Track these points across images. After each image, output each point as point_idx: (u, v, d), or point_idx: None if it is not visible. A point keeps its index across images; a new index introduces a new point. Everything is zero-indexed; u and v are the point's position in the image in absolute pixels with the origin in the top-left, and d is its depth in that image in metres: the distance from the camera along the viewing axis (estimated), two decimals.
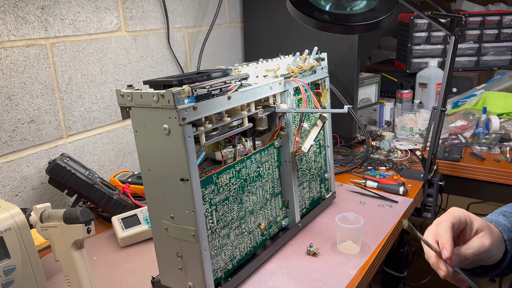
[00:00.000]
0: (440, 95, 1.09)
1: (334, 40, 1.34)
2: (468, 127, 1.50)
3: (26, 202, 1.02)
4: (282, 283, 0.76)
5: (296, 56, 0.89)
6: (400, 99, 1.68)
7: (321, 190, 1.03)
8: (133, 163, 1.29)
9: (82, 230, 0.60)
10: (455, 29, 1.06)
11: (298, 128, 0.85)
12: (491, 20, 1.73)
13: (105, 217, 1.03)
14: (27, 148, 1.01)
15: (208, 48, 1.51)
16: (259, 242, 0.82)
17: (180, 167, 0.63)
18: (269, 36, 1.53)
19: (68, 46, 1.07)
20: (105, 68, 1.17)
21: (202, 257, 0.66)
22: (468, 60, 1.78)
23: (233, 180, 0.74)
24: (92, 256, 0.89)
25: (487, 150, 1.36)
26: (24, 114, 1.00)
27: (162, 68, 1.35)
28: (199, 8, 1.45)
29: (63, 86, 1.07)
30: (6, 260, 0.58)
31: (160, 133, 0.63)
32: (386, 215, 1.00)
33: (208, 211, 0.69)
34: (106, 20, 1.15)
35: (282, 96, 0.84)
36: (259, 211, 0.82)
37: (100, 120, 1.18)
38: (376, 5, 0.86)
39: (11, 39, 0.96)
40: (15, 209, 0.60)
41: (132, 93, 0.63)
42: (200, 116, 0.63)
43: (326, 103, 1.00)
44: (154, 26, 1.30)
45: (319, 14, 0.82)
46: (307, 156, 0.95)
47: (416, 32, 1.75)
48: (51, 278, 0.82)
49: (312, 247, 0.84)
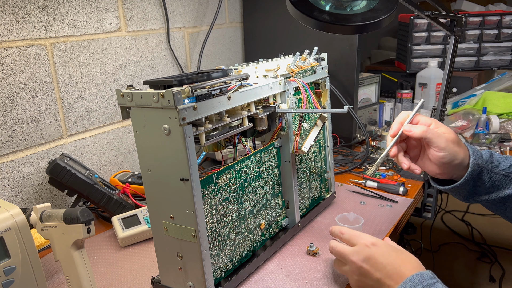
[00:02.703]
0: (440, 95, 1.09)
1: (334, 40, 1.34)
2: (468, 127, 1.50)
3: (26, 202, 1.03)
4: (282, 283, 0.76)
5: (296, 56, 0.89)
6: (400, 99, 1.68)
7: (321, 190, 1.03)
8: (133, 163, 1.29)
9: (82, 230, 0.60)
10: (455, 29, 1.06)
11: (298, 128, 0.85)
12: (491, 20, 1.73)
13: (105, 217, 1.03)
14: (27, 148, 1.01)
15: (208, 48, 1.51)
16: (259, 242, 0.83)
17: (180, 167, 0.63)
18: (269, 36, 1.53)
19: (68, 46, 1.07)
20: (105, 68, 1.17)
21: (202, 257, 0.66)
22: (468, 60, 1.78)
23: (233, 180, 0.74)
24: (92, 256, 0.89)
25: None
26: (24, 114, 1.00)
27: (162, 68, 1.35)
28: (199, 8, 1.45)
29: (63, 86, 1.07)
30: (6, 260, 0.58)
31: (160, 133, 0.63)
32: (386, 215, 1.00)
33: (208, 211, 0.69)
34: (106, 20, 1.16)
35: (282, 96, 0.84)
36: (259, 211, 0.82)
37: (100, 120, 1.18)
38: (376, 5, 0.86)
39: (11, 39, 0.96)
40: (15, 209, 0.60)
41: (132, 93, 0.64)
42: (200, 116, 0.63)
43: (326, 103, 1.00)
44: (154, 26, 1.30)
45: (319, 14, 0.82)
46: (307, 156, 0.95)
47: (416, 32, 1.75)
48: (51, 278, 0.82)
49: (312, 247, 0.84)
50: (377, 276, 0.66)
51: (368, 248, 0.68)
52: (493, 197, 0.81)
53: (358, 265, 0.68)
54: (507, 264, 2.00)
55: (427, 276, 0.63)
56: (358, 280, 0.68)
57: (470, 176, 0.78)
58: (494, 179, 0.79)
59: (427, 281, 0.62)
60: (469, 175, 0.77)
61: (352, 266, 0.69)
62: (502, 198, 0.80)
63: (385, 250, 0.68)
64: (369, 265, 0.67)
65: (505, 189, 0.79)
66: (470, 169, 0.77)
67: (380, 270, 0.66)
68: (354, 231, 0.74)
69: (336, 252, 0.73)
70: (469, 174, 0.77)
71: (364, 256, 0.68)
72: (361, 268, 0.67)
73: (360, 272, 0.68)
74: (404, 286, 0.62)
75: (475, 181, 0.79)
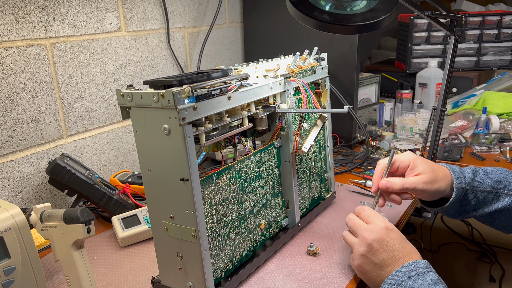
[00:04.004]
0: (440, 95, 1.09)
1: (334, 40, 1.34)
2: (468, 127, 1.50)
3: (26, 202, 1.03)
4: (282, 283, 0.76)
5: (296, 56, 0.89)
6: (400, 99, 1.68)
7: (321, 190, 1.03)
8: (133, 163, 1.29)
9: (82, 230, 0.60)
10: (455, 29, 1.06)
11: (298, 128, 0.85)
12: (491, 20, 1.73)
13: (105, 217, 1.03)
14: (27, 148, 1.01)
15: (208, 48, 1.51)
16: (259, 242, 0.83)
17: (180, 167, 0.63)
18: (269, 36, 1.53)
19: (68, 46, 1.07)
20: (105, 68, 1.17)
21: (202, 257, 0.66)
22: (468, 60, 1.78)
23: (233, 180, 0.74)
24: (92, 256, 0.89)
25: (487, 150, 1.36)
26: (24, 114, 1.00)
27: (162, 68, 1.35)
28: (199, 8, 1.45)
29: (63, 86, 1.07)
30: (6, 260, 0.58)
31: (160, 133, 0.63)
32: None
33: (208, 211, 0.69)
34: (106, 20, 1.16)
35: (282, 96, 0.84)
36: (259, 211, 0.82)
37: (100, 120, 1.18)
38: (376, 5, 0.86)
39: (11, 39, 0.96)
40: (15, 209, 0.60)
41: (132, 93, 0.64)
42: (200, 116, 0.63)
43: (326, 103, 1.00)
44: (154, 26, 1.30)
45: (319, 14, 0.83)
46: (307, 156, 0.95)
47: (416, 32, 1.75)
48: (51, 278, 0.82)
49: (312, 247, 0.84)
50: (383, 256, 0.69)
51: (383, 230, 0.71)
52: (481, 212, 0.84)
53: (368, 241, 0.71)
54: (507, 264, 2.00)
55: (422, 265, 0.67)
56: (364, 255, 0.71)
57: (455, 200, 0.82)
58: (480, 197, 0.83)
59: (422, 269, 0.66)
60: (454, 199, 0.82)
61: (362, 241, 0.72)
62: (490, 213, 0.84)
63: (398, 236, 0.72)
64: (379, 245, 0.70)
65: (492, 204, 0.83)
66: (454, 194, 0.81)
67: (387, 252, 0.69)
68: (374, 212, 0.77)
69: (351, 223, 0.76)
70: (454, 198, 0.82)
71: (377, 236, 0.71)
72: (371, 245, 0.70)
73: (368, 248, 0.71)
74: (400, 271, 0.67)
75: (461, 201, 0.83)
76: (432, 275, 0.65)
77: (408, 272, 0.66)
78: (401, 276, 0.66)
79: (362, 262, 0.72)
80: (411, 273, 0.65)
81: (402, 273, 0.66)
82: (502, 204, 0.82)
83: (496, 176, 0.83)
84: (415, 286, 0.64)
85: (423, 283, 0.64)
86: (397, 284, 0.65)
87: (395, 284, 0.66)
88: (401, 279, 0.65)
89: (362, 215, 0.76)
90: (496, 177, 0.83)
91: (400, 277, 0.66)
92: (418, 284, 0.64)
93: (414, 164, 0.82)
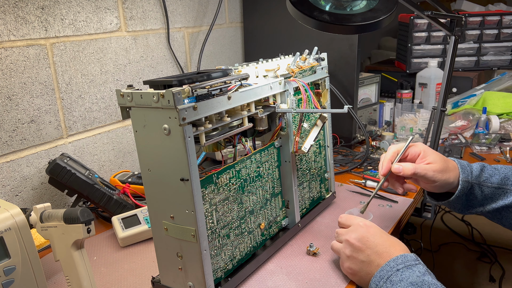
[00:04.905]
0: (440, 95, 1.09)
1: (334, 40, 1.34)
2: (468, 127, 1.50)
3: (26, 202, 1.03)
4: (282, 283, 0.76)
5: (296, 56, 0.89)
6: (400, 99, 1.68)
7: (321, 190, 1.03)
8: (133, 163, 1.29)
9: (82, 230, 0.60)
10: (455, 29, 1.06)
11: (298, 128, 0.85)
12: (491, 20, 1.73)
13: (105, 217, 1.03)
14: (27, 148, 1.01)
15: (208, 48, 1.51)
16: (259, 242, 0.83)
17: (180, 167, 0.63)
18: (269, 36, 1.53)
19: (68, 46, 1.07)
20: (105, 68, 1.17)
21: (202, 257, 0.66)
22: (468, 60, 1.78)
23: (233, 180, 0.74)
24: (92, 256, 0.89)
25: (487, 150, 1.36)
26: (24, 114, 1.00)
27: (162, 68, 1.35)
28: (199, 8, 1.45)
29: (63, 86, 1.07)
30: (6, 260, 0.58)
31: (160, 133, 0.63)
32: (386, 215, 1.00)
33: (208, 211, 0.69)
34: (106, 20, 1.16)
35: (282, 96, 0.84)
36: (259, 211, 0.82)
37: (100, 120, 1.18)
38: (376, 5, 0.86)
39: (11, 39, 0.96)
40: (15, 209, 0.60)
41: (132, 93, 0.64)
42: (200, 116, 0.63)
43: (326, 103, 1.00)
44: (154, 26, 1.30)
45: (319, 14, 0.83)
46: (307, 156, 0.95)
47: (416, 32, 1.75)
48: (51, 278, 0.82)
49: (312, 247, 0.84)
50: (368, 252, 0.72)
51: (362, 228, 0.75)
52: (488, 208, 0.85)
53: (351, 242, 0.74)
54: (507, 264, 2.00)
55: (410, 258, 0.69)
56: (350, 256, 0.74)
57: (461, 193, 0.83)
58: (486, 192, 0.83)
59: (410, 262, 0.67)
60: (459, 192, 0.83)
61: (345, 243, 0.75)
62: (497, 209, 0.84)
63: (377, 231, 0.75)
64: (361, 242, 0.73)
65: (499, 201, 0.83)
66: (460, 187, 0.82)
67: (371, 248, 0.72)
68: (349, 215, 0.80)
69: (336, 234, 0.80)
70: (459, 191, 0.83)
71: (357, 235, 0.74)
72: (354, 245, 0.73)
73: (352, 248, 0.74)
74: (389, 264, 0.68)
75: (467, 195, 0.84)
76: (420, 268, 0.67)
77: (397, 265, 0.67)
78: (389, 270, 0.67)
79: (350, 263, 0.74)
80: (399, 265, 0.67)
81: (390, 266, 0.68)
82: (510, 200, 0.82)
83: (504, 172, 0.84)
84: (404, 278, 0.65)
85: (411, 275, 0.65)
86: (386, 277, 0.67)
87: (384, 278, 0.67)
88: (390, 272, 0.67)
89: (341, 222, 0.80)
90: (504, 173, 0.84)
91: (389, 270, 0.67)
92: (406, 276, 0.65)
93: (425, 154, 0.83)
